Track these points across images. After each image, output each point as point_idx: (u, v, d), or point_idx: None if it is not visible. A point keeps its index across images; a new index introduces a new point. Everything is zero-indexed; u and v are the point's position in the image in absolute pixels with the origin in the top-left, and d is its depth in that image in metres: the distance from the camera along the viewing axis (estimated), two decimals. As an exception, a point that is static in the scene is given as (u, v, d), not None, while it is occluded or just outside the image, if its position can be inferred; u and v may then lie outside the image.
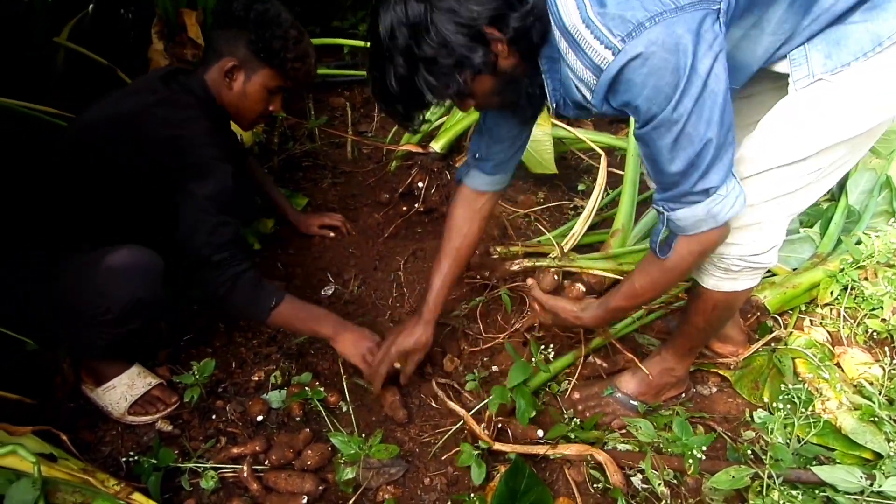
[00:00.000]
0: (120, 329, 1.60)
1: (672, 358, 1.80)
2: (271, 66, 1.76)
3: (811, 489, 1.55)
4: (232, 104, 1.80)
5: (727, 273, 1.52)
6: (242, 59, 1.74)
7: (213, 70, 1.76)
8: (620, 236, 2.20)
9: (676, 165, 1.23)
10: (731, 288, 1.56)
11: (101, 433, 1.73)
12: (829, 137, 1.32)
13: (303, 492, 1.55)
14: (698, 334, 1.72)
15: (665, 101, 1.15)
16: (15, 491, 1.24)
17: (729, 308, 1.65)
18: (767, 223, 1.43)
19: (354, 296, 2.21)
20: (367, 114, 3.13)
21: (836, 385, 1.81)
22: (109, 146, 1.63)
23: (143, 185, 1.67)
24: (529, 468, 1.47)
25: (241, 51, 1.73)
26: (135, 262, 1.57)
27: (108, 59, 2.51)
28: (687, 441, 1.60)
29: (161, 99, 1.67)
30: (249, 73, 1.76)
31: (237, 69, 1.75)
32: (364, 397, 1.86)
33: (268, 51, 1.73)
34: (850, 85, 1.26)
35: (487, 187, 1.75)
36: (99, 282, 1.53)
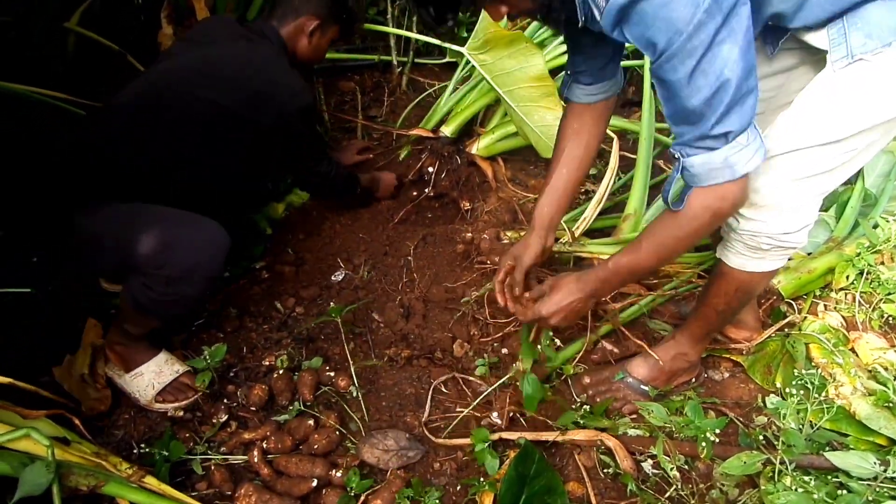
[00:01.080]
0: (169, 290, 1.56)
1: (687, 342, 1.79)
2: (342, 23, 2.00)
3: (824, 475, 1.54)
4: (306, 56, 1.99)
5: (755, 252, 1.50)
6: (323, 18, 1.94)
7: (291, 26, 1.93)
8: (633, 220, 2.18)
9: (692, 102, 1.17)
10: (756, 268, 1.53)
11: (113, 417, 1.75)
12: (868, 119, 1.30)
13: (313, 475, 1.56)
14: (716, 318, 1.70)
15: (679, 33, 1.09)
16: (29, 474, 1.26)
17: (750, 291, 1.63)
18: (800, 201, 1.42)
19: (365, 281, 2.21)
20: (377, 98, 3.11)
21: (850, 370, 1.79)
22: (209, 92, 1.71)
23: (231, 128, 1.75)
24: (539, 453, 1.47)
25: (324, 11, 1.94)
26: (209, 233, 1.60)
27: (118, 43, 2.51)
28: (700, 424, 1.59)
29: (256, 48, 1.85)
30: (325, 29, 1.98)
31: (318, 27, 1.94)
32: (375, 382, 1.86)
33: (348, 12, 1.98)
34: (891, 65, 1.23)
35: (593, 98, 1.63)
36: (168, 235, 1.53)
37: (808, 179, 1.39)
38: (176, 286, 1.56)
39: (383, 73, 3.22)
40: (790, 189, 1.39)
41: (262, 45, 1.86)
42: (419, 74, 3.20)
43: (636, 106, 3.13)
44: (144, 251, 1.52)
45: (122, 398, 1.79)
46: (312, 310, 2.11)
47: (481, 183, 2.59)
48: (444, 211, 2.57)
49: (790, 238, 1.45)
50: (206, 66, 1.76)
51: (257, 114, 1.76)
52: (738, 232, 1.48)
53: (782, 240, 1.45)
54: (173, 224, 1.57)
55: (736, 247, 1.52)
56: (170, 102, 1.70)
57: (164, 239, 1.52)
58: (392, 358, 1.92)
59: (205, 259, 1.57)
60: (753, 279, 1.56)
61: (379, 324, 2.06)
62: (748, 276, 1.55)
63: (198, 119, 1.71)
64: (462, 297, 2.10)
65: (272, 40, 1.89)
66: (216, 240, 1.60)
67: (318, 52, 2.01)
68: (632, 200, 2.23)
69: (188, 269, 1.55)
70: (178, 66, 1.77)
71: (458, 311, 2.05)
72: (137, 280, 1.57)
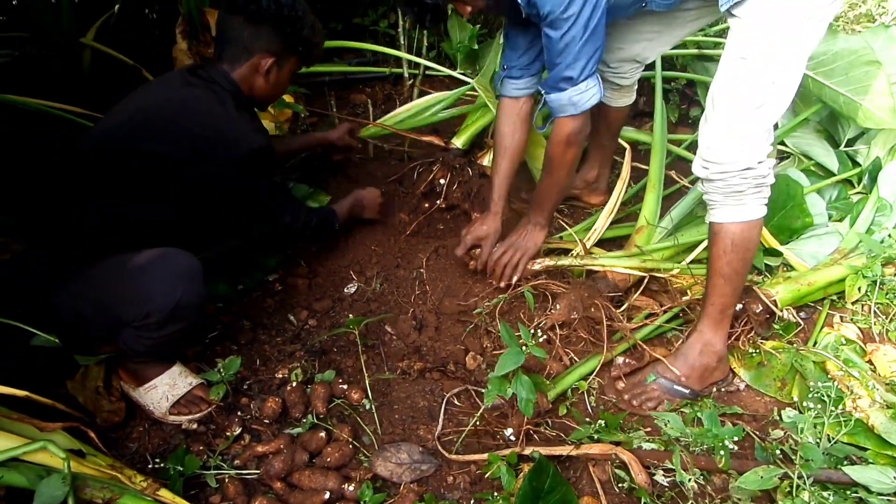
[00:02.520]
0: (163, 332, 1.60)
1: (708, 328, 1.83)
2: (299, 54, 1.87)
3: (843, 490, 1.52)
4: (265, 94, 1.88)
5: (735, 197, 1.68)
6: (277, 54, 1.81)
7: (244, 67, 1.79)
8: (646, 232, 2.17)
9: (558, 57, 1.74)
10: (742, 216, 1.70)
11: (128, 429, 1.76)
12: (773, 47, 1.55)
13: (326, 489, 1.56)
14: (725, 285, 1.76)
15: (558, 5, 1.63)
16: (45, 486, 1.27)
17: (746, 244, 1.72)
18: (750, 134, 1.62)
19: (377, 293, 2.21)
20: (389, 110, 3.12)
21: (867, 383, 1.77)
22: (146, 139, 1.64)
23: (177, 178, 1.67)
24: (553, 467, 1.46)
25: (276, 46, 1.80)
26: (175, 265, 1.58)
27: (134, 58, 2.54)
28: (718, 432, 1.57)
29: (198, 94, 1.71)
30: (282, 63, 1.85)
31: (274, 64, 1.82)
32: (388, 395, 1.86)
33: (303, 43, 1.85)
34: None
35: (520, 92, 2.12)
36: (139, 287, 1.54)
37: (749, 116, 1.61)
38: (167, 326, 1.58)
39: (394, 86, 3.24)
40: (736, 129, 1.62)
41: (204, 89, 1.73)
42: (430, 86, 3.22)
43: (647, 117, 3.13)
44: (126, 311, 1.55)
45: (137, 410, 1.80)
46: (325, 322, 2.12)
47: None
48: (456, 223, 2.56)
49: (753, 172, 1.64)
50: (145, 115, 1.68)
51: (202, 161, 1.66)
52: (712, 180, 1.69)
53: (748, 175, 1.65)
54: (142, 271, 1.55)
55: (717, 200, 1.71)
56: (113, 157, 1.64)
57: (139, 292, 1.53)
58: (405, 371, 1.92)
59: (184, 292, 1.56)
60: (743, 230, 1.71)
61: (391, 336, 2.06)
62: (737, 227, 1.71)
63: (142, 171, 1.64)
64: (474, 309, 2.09)
65: (221, 84, 1.77)
66: (187, 270, 1.59)
67: (279, 87, 1.90)
68: (644, 211, 2.22)
69: (172, 308, 1.55)
70: (120, 120, 1.70)
71: (470, 323, 2.05)
72: (129, 333, 1.60)
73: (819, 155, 2.50)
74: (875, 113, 2.21)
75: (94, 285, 1.59)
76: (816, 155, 2.50)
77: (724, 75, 1.64)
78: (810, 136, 2.56)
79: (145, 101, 1.73)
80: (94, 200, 1.66)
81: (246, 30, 1.77)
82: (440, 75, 3.21)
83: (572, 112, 1.83)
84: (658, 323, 2.02)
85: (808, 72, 2.26)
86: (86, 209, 1.65)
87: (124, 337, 1.62)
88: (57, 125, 2.15)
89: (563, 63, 1.74)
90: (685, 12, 1.98)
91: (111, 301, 1.56)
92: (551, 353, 1.95)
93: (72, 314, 1.60)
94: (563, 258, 2.09)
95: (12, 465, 1.30)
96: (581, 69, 1.75)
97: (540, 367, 1.92)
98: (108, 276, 1.58)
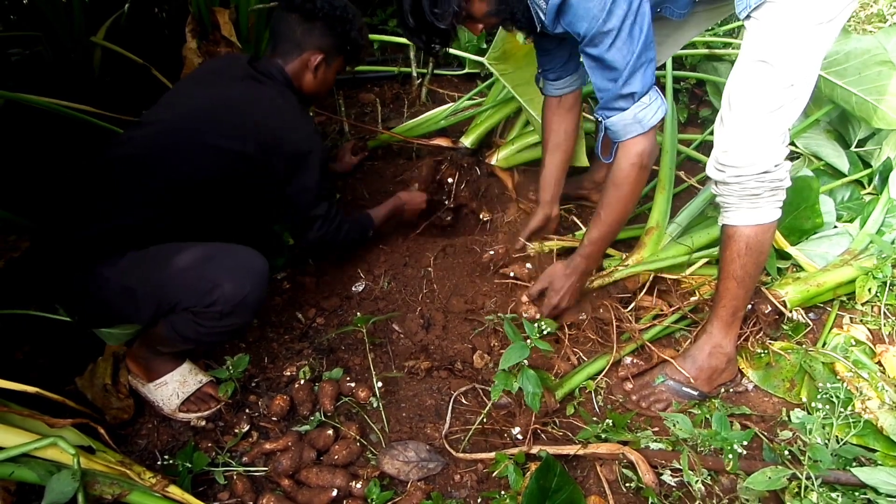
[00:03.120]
0: (221, 323, 1.59)
1: (718, 330, 1.82)
2: (346, 54, 1.95)
3: (851, 491, 1.52)
4: (312, 90, 1.95)
5: (751, 200, 1.65)
6: (327, 52, 1.90)
7: (295, 62, 1.88)
8: (655, 234, 2.15)
9: (610, 74, 1.58)
10: (756, 219, 1.67)
11: (137, 426, 1.77)
12: (790, 52, 1.52)
13: (333, 486, 1.56)
14: (737, 288, 1.75)
15: (595, 19, 1.51)
16: (56, 482, 1.28)
17: (759, 248, 1.70)
18: (766, 139, 1.59)
19: (385, 292, 2.21)
20: (397, 109, 3.13)
21: (877, 384, 1.76)
22: (213, 134, 1.68)
23: (240, 173, 1.73)
24: (561, 466, 1.46)
25: (327, 44, 1.88)
26: (252, 263, 1.61)
27: (144, 57, 2.55)
28: (727, 436, 1.57)
29: (266, 89, 1.81)
30: (330, 62, 1.93)
31: (323, 61, 1.90)
32: (395, 393, 1.86)
33: (352, 44, 1.93)
34: None
35: (562, 91, 2.06)
36: (211, 275, 1.55)
37: (765, 117, 1.57)
38: (227, 319, 1.59)
39: (403, 85, 3.24)
40: (754, 132, 1.58)
41: (268, 85, 1.82)
42: (438, 86, 3.22)
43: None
44: (189, 296, 1.54)
45: (146, 407, 1.81)
46: (333, 320, 2.12)
47: (500, 194, 2.59)
48: (464, 222, 2.57)
49: (770, 175, 1.61)
50: (213, 109, 1.73)
51: (267, 157, 1.74)
52: (728, 183, 1.65)
53: (765, 178, 1.61)
54: (213, 260, 1.57)
55: (732, 203, 1.68)
56: (178, 148, 1.67)
57: (211, 278, 1.54)
58: (412, 369, 1.92)
59: (253, 289, 1.58)
60: (758, 233, 1.69)
61: (399, 335, 2.06)
62: (752, 230, 1.68)
63: (208, 165, 1.68)
64: (482, 308, 2.10)
65: (278, 79, 1.86)
66: (257, 267, 1.61)
67: (325, 84, 1.97)
68: (654, 213, 2.21)
69: (238, 302, 1.56)
70: (185, 111, 1.74)
71: (478, 322, 2.05)
72: (184, 318, 1.59)
73: (829, 156, 2.48)
74: (888, 113, 2.20)
75: (153, 266, 1.58)
76: (826, 156, 2.49)
77: (741, 77, 1.60)
78: (820, 137, 2.54)
79: (206, 95, 1.77)
80: (138, 189, 1.64)
81: (300, 27, 1.86)
82: (449, 74, 3.21)
83: (639, 131, 1.64)
84: (666, 323, 2.01)
85: (820, 72, 2.24)
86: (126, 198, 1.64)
87: (175, 321, 1.61)
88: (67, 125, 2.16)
89: (620, 80, 1.58)
90: (695, 15, 1.96)
91: (174, 283, 1.55)
92: (560, 353, 1.95)
93: (120, 290, 1.58)
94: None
95: (23, 460, 1.31)
96: (641, 83, 1.59)
97: (548, 367, 1.92)
98: (172, 260, 1.58)
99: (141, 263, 1.58)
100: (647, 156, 1.68)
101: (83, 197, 1.65)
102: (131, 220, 1.61)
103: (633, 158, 1.68)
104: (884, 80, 2.19)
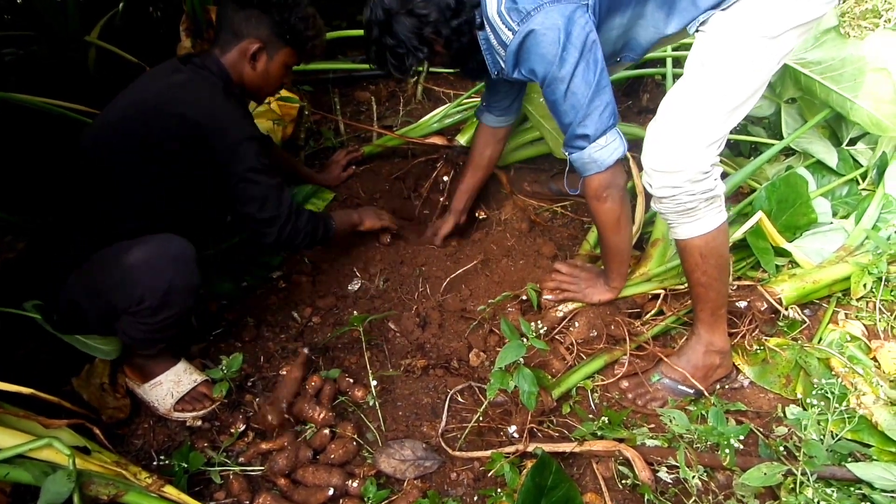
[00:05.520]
0: (157, 318, 1.59)
1: (705, 330, 1.83)
2: (292, 45, 1.84)
3: (846, 486, 1.52)
4: (254, 83, 1.85)
5: (689, 215, 1.67)
6: (266, 41, 1.80)
7: (232, 52, 1.79)
8: (661, 245, 2.14)
9: (567, 117, 1.65)
10: (701, 229, 1.69)
11: (132, 426, 1.77)
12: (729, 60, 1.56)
13: (329, 485, 1.57)
14: (707, 292, 1.77)
15: (550, 64, 1.58)
16: (51, 483, 1.27)
17: (715, 253, 1.72)
18: (689, 155, 1.60)
19: (380, 291, 2.21)
20: (393, 108, 3.13)
21: (871, 380, 1.77)
22: (140, 130, 1.64)
23: (173, 168, 1.68)
24: (557, 464, 1.46)
25: (264, 32, 1.79)
26: (167, 250, 1.58)
27: (138, 57, 2.54)
28: (724, 430, 1.57)
29: (187, 80, 1.71)
30: (272, 52, 1.82)
31: (261, 50, 1.80)
32: (391, 391, 1.86)
33: (292, 31, 1.81)
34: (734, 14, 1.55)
35: (498, 124, 2.26)
36: (132, 272, 1.54)
37: (693, 124, 1.59)
38: (162, 311, 1.58)
39: (398, 83, 3.23)
40: (677, 135, 1.60)
41: (192, 75, 1.73)
42: (434, 84, 3.22)
43: (651, 113, 3.11)
44: (119, 297, 1.55)
45: (142, 407, 1.81)
46: (329, 319, 2.12)
47: (496, 192, 2.59)
48: (461, 220, 2.57)
49: (700, 186, 1.62)
50: (138, 106, 1.68)
51: (195, 147, 1.66)
52: (661, 197, 1.67)
53: (695, 191, 1.63)
54: (131, 258, 1.55)
55: (673, 219, 1.70)
56: (110, 149, 1.66)
57: (131, 276, 1.54)
58: (408, 368, 1.92)
59: (176, 276, 1.57)
60: (708, 241, 1.70)
61: (395, 333, 2.06)
62: (701, 239, 1.70)
63: (139, 161, 1.65)
64: (478, 306, 2.09)
65: (211, 70, 1.77)
66: (179, 254, 1.59)
67: (269, 77, 1.86)
68: (658, 224, 2.20)
69: (165, 292, 1.55)
70: (115, 113, 1.71)
71: (474, 320, 2.05)
72: (126, 321, 1.60)
73: (819, 152, 2.49)
74: (882, 120, 2.20)
75: (89, 274, 1.60)
76: (816, 152, 2.49)
77: (680, 82, 1.63)
78: (811, 134, 2.55)
79: (137, 92, 1.73)
80: (94, 194, 1.67)
81: (236, 15, 1.78)
82: (444, 72, 3.21)
83: (596, 170, 1.69)
84: (666, 323, 2.01)
85: (815, 76, 2.25)
86: (87, 204, 1.67)
87: (122, 325, 1.62)
88: (62, 124, 2.16)
89: (574, 122, 1.64)
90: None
91: (105, 287, 1.57)
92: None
93: (66, 305, 1.61)
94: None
95: (18, 461, 1.31)
96: (595, 126, 1.63)
97: (545, 367, 1.92)
98: (102, 264, 1.59)
99: (84, 274, 1.60)
100: (607, 189, 1.72)
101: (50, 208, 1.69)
102: (90, 216, 1.65)
103: (593, 193, 1.73)
104: (878, 87, 2.18)
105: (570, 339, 1.97)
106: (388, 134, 2.72)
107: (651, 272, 2.09)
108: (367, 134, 2.91)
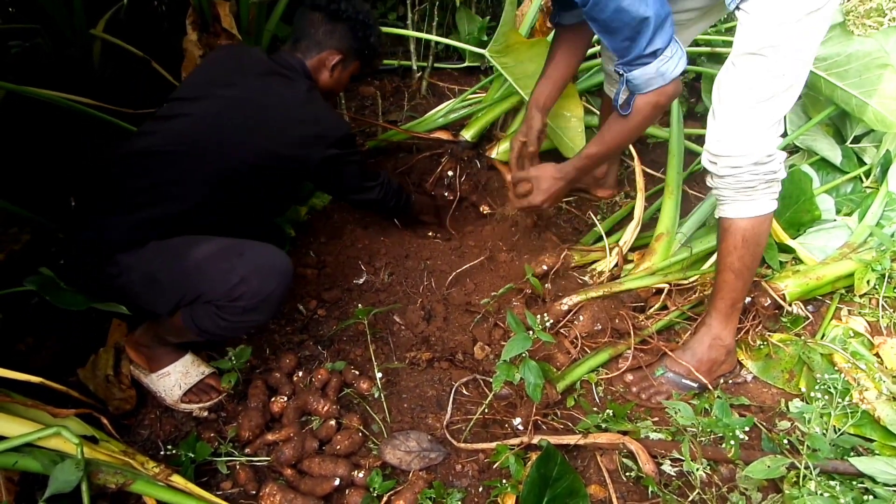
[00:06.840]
0: (243, 318, 1.59)
1: (717, 322, 1.84)
2: (363, 59, 2.00)
3: (849, 480, 1.53)
4: (327, 88, 1.97)
5: (746, 193, 1.67)
6: (345, 53, 1.93)
7: (315, 58, 1.91)
8: (666, 240, 2.14)
9: (623, 33, 1.56)
10: (752, 211, 1.69)
11: (139, 416, 1.77)
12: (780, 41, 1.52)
13: (335, 475, 1.57)
14: (735, 280, 1.77)
15: None
16: (59, 472, 1.28)
17: (756, 239, 1.72)
18: (758, 130, 1.60)
19: (385, 284, 2.22)
20: (397, 102, 3.13)
21: (874, 375, 1.78)
22: (263, 143, 1.70)
23: (282, 170, 1.77)
24: (561, 456, 1.47)
25: (345, 46, 1.92)
26: (275, 260, 1.60)
27: (144, 50, 2.54)
28: (729, 422, 1.58)
29: (289, 84, 1.82)
30: (347, 64, 1.97)
31: (341, 62, 1.93)
32: (397, 384, 1.87)
33: (369, 48, 1.98)
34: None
35: (575, 19, 1.96)
36: (239, 269, 1.54)
37: (754, 109, 1.59)
38: (250, 314, 1.59)
39: (403, 78, 3.24)
40: (745, 122, 1.60)
41: (296, 81, 1.84)
42: (438, 79, 3.22)
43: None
44: (215, 288, 1.54)
45: (148, 398, 1.82)
46: (334, 312, 2.13)
47: (500, 187, 2.60)
48: (464, 214, 2.58)
49: (766, 167, 1.63)
50: (245, 109, 1.72)
51: (306, 152, 1.77)
52: (722, 175, 1.67)
53: (759, 171, 1.63)
54: (242, 256, 1.57)
55: (728, 195, 1.70)
56: (206, 150, 1.66)
57: (240, 272, 1.54)
58: (413, 360, 1.93)
59: (277, 286, 1.58)
60: (754, 225, 1.71)
61: (400, 326, 2.07)
62: (748, 222, 1.70)
63: (243, 166, 1.68)
64: (482, 300, 2.10)
65: (302, 74, 1.88)
66: (283, 266, 1.61)
67: (339, 84, 2.00)
68: (663, 218, 2.20)
69: (263, 299, 1.56)
70: (213, 111, 1.72)
71: (478, 313, 2.06)
72: (205, 310, 1.58)
73: (823, 149, 2.49)
74: (886, 116, 2.21)
75: (178, 256, 1.58)
76: (820, 149, 2.50)
77: (733, 69, 1.60)
78: (815, 132, 2.55)
79: (237, 89, 1.75)
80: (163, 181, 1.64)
81: (322, 27, 1.90)
82: (449, 67, 3.21)
83: (661, 84, 1.65)
84: (669, 318, 2.02)
85: (821, 73, 2.25)
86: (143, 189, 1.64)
87: (196, 313, 1.60)
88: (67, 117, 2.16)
89: (642, 41, 1.56)
90: (689, 13, 1.95)
91: (201, 275, 1.56)
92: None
93: (142, 277, 1.59)
94: (589, 290, 2.07)
95: (27, 450, 1.32)
96: (664, 37, 1.58)
97: (549, 360, 1.93)
98: (199, 252, 1.58)
99: (164, 252, 1.59)
100: (667, 98, 1.70)
101: (109, 189, 1.66)
102: (162, 210, 1.62)
103: (651, 98, 1.69)
104: (883, 83, 2.19)
105: (575, 333, 1.97)
106: (393, 129, 2.72)
107: (655, 266, 2.10)
108: (371, 129, 2.91)
